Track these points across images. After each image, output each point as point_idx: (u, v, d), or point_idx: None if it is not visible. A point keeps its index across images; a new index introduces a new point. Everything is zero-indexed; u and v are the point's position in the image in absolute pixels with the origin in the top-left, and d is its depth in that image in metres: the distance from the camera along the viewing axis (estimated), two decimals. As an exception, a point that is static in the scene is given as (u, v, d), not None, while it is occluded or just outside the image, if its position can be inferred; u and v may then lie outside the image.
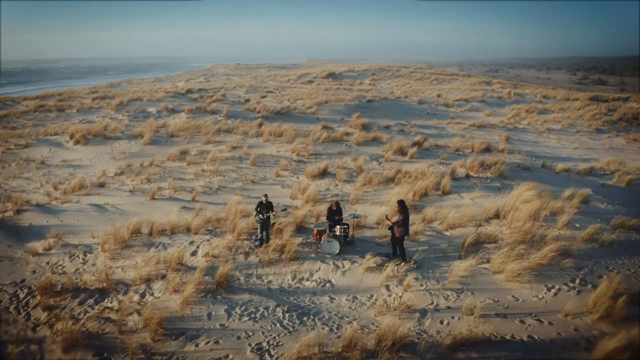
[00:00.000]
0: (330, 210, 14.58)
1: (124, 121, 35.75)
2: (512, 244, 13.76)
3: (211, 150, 26.21)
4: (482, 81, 66.54)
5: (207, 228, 16.06)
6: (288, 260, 13.41)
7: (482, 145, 28.89)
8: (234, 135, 28.90)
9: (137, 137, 29.71)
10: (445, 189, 18.84)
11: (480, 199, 18.27)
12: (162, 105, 40.06)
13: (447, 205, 17.50)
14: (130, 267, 13.81)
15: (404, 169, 21.68)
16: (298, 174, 22.41)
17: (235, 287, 12.44)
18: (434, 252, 13.94)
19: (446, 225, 15.72)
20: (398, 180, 20.39)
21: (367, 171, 21.82)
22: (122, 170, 24.12)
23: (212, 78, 75.14)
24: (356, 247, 14.18)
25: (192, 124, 31.02)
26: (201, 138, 28.54)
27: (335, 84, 59.45)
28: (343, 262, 13.31)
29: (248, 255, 13.78)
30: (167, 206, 19.18)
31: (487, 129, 37.28)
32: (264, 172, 22.75)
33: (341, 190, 20.26)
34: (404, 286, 12.01)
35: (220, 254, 13.88)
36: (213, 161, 24.20)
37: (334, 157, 24.06)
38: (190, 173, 23.15)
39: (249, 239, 14.80)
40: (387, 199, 18.38)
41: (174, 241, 15.06)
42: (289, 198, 19.59)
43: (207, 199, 19.92)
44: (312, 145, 25.32)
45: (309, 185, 20.29)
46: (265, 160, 24.26)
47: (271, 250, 13.62)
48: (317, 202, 18.49)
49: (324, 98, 44.12)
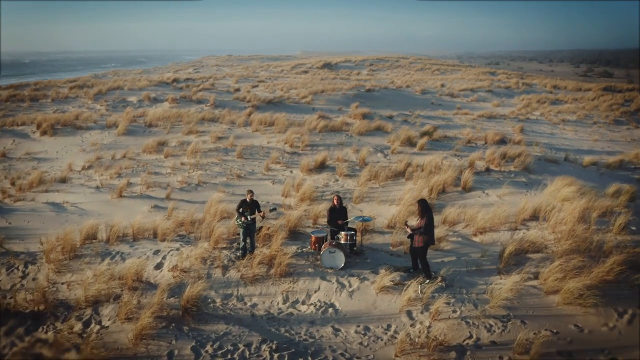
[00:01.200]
0: (333, 211, 11.57)
1: (101, 111, 32.68)
2: (564, 253, 10.86)
3: (193, 141, 23.19)
4: (486, 71, 63.74)
5: (179, 233, 13.09)
6: (278, 276, 10.41)
7: (496, 137, 26.10)
8: (220, 125, 25.87)
9: (111, 127, 26.69)
10: (466, 185, 15.95)
11: (510, 196, 15.39)
12: (143, 95, 37.02)
13: (471, 205, 14.62)
14: (78, 284, 10.85)
15: (415, 161, 18.76)
16: (292, 167, 19.45)
17: (209, 313, 9.47)
18: (464, 265, 11.02)
19: (474, 229, 12.83)
20: (409, 175, 17.48)
21: (371, 164, 18.88)
22: (91, 164, 21.16)
23: (202, 69, 71.84)
24: (365, 258, 11.19)
25: (173, 112, 27.97)
26: (182, 128, 25.50)
27: (331, 74, 56.38)
28: (350, 279, 10.30)
29: (227, 270, 10.78)
30: (137, 205, 16.27)
31: (497, 120, 34.45)
32: (252, 166, 19.77)
33: (342, 186, 17.33)
34: (431, 313, 9.07)
35: (192, 267, 10.89)
36: (194, 153, 21.20)
37: (332, 149, 21.11)
38: (167, 167, 20.17)
39: (229, 247, 11.80)
40: (398, 196, 15.47)
41: (135, 250, 12.07)
42: (281, 195, 16.65)
43: (185, 197, 16.99)
44: (307, 135, 22.35)
45: (304, 181, 17.34)
46: (254, 152, 21.27)
47: (257, 262, 10.60)
48: (315, 201, 15.55)
49: (320, 87, 41.15)
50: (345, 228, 11.25)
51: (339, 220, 11.37)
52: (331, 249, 10.50)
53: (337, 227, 11.37)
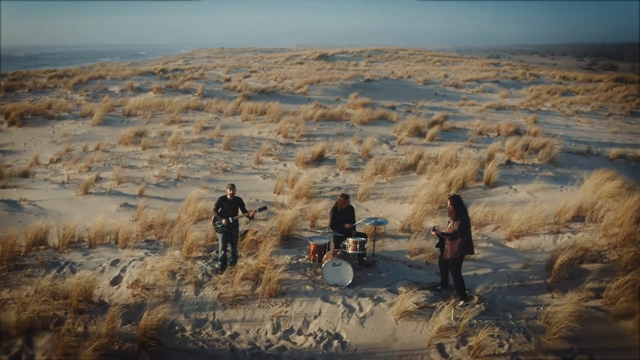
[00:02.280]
0: (336, 212, 9.26)
1: (80, 101, 30.28)
2: (628, 264, 8.63)
3: (177, 131, 20.85)
4: (490, 63, 61.55)
5: (148, 237, 10.79)
6: (267, 296, 8.09)
7: (510, 128, 23.88)
8: (206, 114, 23.51)
9: (87, 117, 24.30)
10: (491, 180, 13.71)
11: (542, 192, 13.16)
12: (126, 84, 34.59)
13: (498, 202, 12.38)
14: (15, 302, 8.54)
15: (426, 153, 16.50)
16: (285, 160, 17.16)
17: (175, 346, 7.18)
18: (503, 279, 8.77)
19: (508, 233, 10.58)
20: (421, 168, 15.22)
21: (376, 157, 16.61)
22: (60, 157, 18.81)
23: (192, 61, 69.34)
24: (379, 271, 8.87)
25: (154, 101, 25.59)
26: (165, 117, 23.14)
27: (328, 65, 54.00)
28: (360, 300, 7.98)
29: (201, 287, 8.46)
30: (104, 203, 14.00)
31: (507, 111, 32.26)
32: (241, 158, 17.47)
33: (344, 182, 15.07)
34: (472, 348, 6.80)
35: (157, 283, 8.57)
36: (175, 144, 18.87)
37: (332, 139, 18.81)
38: (144, 160, 17.87)
39: (205, 257, 9.48)
40: (410, 193, 13.22)
41: (89, 259, 9.74)
42: (273, 192, 14.38)
43: (161, 193, 14.72)
44: (303, 125, 20.03)
45: (300, 175, 15.06)
46: (243, 144, 18.95)
47: (239, 278, 8.28)
48: (313, 198, 13.28)
49: (316, 77, 38.84)
50: (353, 233, 8.95)
51: (346, 223, 9.07)
52: (335, 260, 8.19)
53: (343, 232, 9.08)
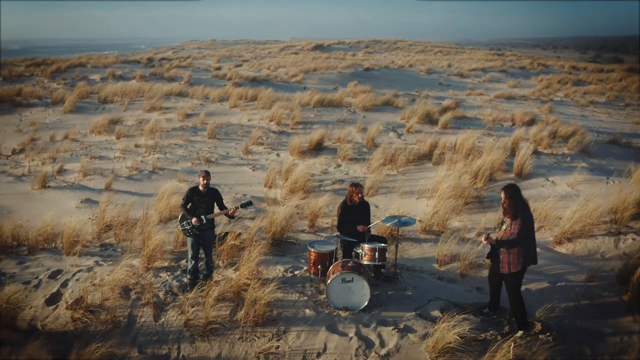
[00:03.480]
0: (346, 209, 7.15)
1: (57, 90, 28.09)
2: None
3: (157, 119, 18.73)
4: (493, 53, 59.58)
5: (105, 241, 8.70)
6: (252, 324, 5.97)
7: (526, 117, 21.92)
8: (190, 101, 21.37)
9: (58, 104, 22.17)
10: (523, 171, 11.67)
11: (585, 185, 11.14)
12: (108, 72, 32.42)
13: (535, 197, 10.34)
14: None
15: (441, 141, 14.46)
16: (278, 149, 15.08)
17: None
18: (568, 297, 6.70)
19: (558, 235, 8.54)
20: (439, 158, 13.18)
21: (383, 146, 14.55)
22: (23, 147, 16.70)
23: (182, 52, 67.04)
24: (402, 287, 6.77)
25: (133, 87, 23.45)
26: (145, 104, 20.99)
27: (324, 55, 51.86)
28: (381, 330, 5.87)
29: (163, 310, 6.35)
30: (63, 198, 11.99)
31: (517, 101, 30.26)
32: (227, 148, 15.37)
33: (347, 173, 13.01)
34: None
35: (105, 303, 6.47)
36: (153, 133, 16.76)
37: (331, 127, 16.72)
38: (117, 149, 15.78)
39: (172, 268, 7.36)
40: (427, 186, 11.16)
41: (24, 269, 7.62)
42: (264, 186, 12.30)
43: (132, 187, 12.65)
44: (299, 111, 17.92)
45: (295, 166, 12.97)
46: (231, 132, 16.85)
47: (214, 297, 6.17)
48: (311, 193, 11.22)
49: (312, 66, 36.74)
50: (368, 237, 6.85)
51: (359, 224, 6.95)
52: (346, 274, 6.08)
53: (355, 235, 6.97)
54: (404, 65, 40.96)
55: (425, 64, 42.25)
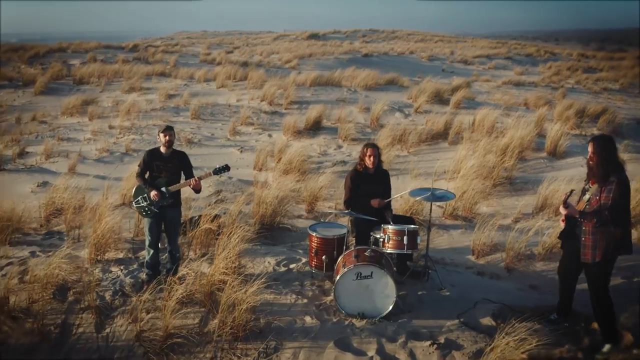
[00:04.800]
0: (358, 178, 5.49)
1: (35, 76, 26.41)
2: None
3: (136, 100, 17.08)
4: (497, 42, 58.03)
5: (54, 228, 7.07)
6: (229, 337, 4.36)
7: (540, 101, 20.49)
8: (173, 81, 19.74)
9: (30, 85, 20.51)
10: (557, 149, 10.13)
11: (632, 164, 9.61)
12: (89, 56, 30.72)
13: (576, 178, 8.80)
14: None
15: (456, 121, 12.90)
16: (271, 130, 13.49)
17: None
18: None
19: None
20: (455, 138, 11.63)
21: (390, 126, 12.97)
22: (-15, 130, 15.07)
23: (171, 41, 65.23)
24: (437, 285, 5.15)
25: (112, 68, 21.79)
26: (123, 85, 19.32)
27: (319, 43, 50.18)
28: (413, 345, 4.20)
29: (108, 317, 4.74)
30: (18, 182, 10.50)
31: (527, 88, 28.77)
32: (212, 129, 13.78)
33: (349, 155, 11.44)
34: None
35: (34, 306, 4.84)
36: (130, 114, 15.13)
37: (330, 107, 15.12)
38: (89, 131, 14.17)
39: (127, 260, 5.73)
40: (444, 167, 9.62)
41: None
42: (253, 168, 10.72)
43: (100, 171, 11.09)
44: (294, 90, 16.30)
45: (289, 147, 11.38)
46: (217, 112, 15.23)
47: (177, 300, 4.52)
48: (307, 174, 9.63)
49: (307, 51, 35.13)
50: (390, 217, 5.26)
51: (375, 197, 5.34)
52: (362, 267, 4.47)
53: (371, 213, 5.28)
54: (404, 52, 39.42)
55: (426, 51, 40.70)
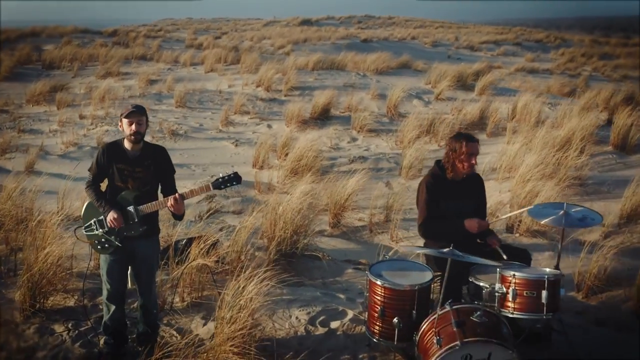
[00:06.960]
0: (440, 187, 3.67)
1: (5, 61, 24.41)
2: None
3: (112, 85, 15.24)
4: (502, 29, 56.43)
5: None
6: None
7: (565, 89, 19.07)
8: (155, 65, 17.88)
9: (-8, 71, 18.55)
10: (630, 142, 8.50)
11: None
12: (63, 41, 28.68)
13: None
14: None
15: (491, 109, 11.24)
16: (270, 119, 11.74)
17: None
18: None
19: None
20: (495, 128, 9.98)
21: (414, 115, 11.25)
22: None
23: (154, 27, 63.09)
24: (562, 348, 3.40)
25: (86, 51, 19.90)
26: (98, 70, 17.44)
27: (313, 29, 48.36)
28: None
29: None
30: (-40, 185, 8.45)
31: (541, 75, 27.25)
32: (201, 118, 12.00)
33: (367, 149, 9.75)
34: None
35: None
36: (104, 101, 13.30)
37: (338, 93, 13.39)
38: (56, 122, 12.36)
39: (81, 310, 3.98)
40: (491, 164, 7.95)
41: None
42: (252, 166, 8.98)
43: (64, 169, 9.38)
44: (294, 73, 14.53)
45: (294, 140, 9.63)
46: (206, 99, 13.44)
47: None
48: (323, 175, 7.91)
49: (302, 36, 33.35)
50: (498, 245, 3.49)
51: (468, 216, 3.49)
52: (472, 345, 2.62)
53: (465, 245, 3.38)
54: (405, 37, 37.73)
55: (428, 37, 39.04)
